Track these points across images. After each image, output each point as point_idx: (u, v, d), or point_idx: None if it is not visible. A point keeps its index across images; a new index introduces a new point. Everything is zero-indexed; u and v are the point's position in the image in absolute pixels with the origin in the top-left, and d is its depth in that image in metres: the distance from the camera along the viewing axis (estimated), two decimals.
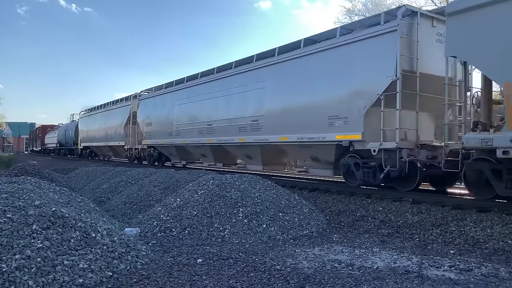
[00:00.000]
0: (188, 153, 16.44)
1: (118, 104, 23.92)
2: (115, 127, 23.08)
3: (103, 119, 25.74)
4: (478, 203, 7.05)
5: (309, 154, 10.45)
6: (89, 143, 28.93)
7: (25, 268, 3.61)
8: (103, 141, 25.48)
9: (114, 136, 23.37)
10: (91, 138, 28.20)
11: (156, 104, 18.35)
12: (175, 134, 16.41)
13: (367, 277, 4.15)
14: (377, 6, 26.99)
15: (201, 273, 4.20)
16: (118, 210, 8.25)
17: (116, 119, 23.18)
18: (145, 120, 19.04)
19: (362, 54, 8.80)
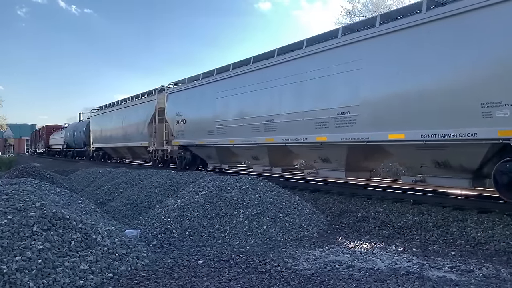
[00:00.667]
0: (233, 155, 13.78)
1: (140, 99, 20.82)
2: (136, 126, 20.11)
3: (120, 117, 22.51)
4: (479, 204, 7.04)
5: (433, 157, 7.58)
6: (103, 144, 25.53)
7: (26, 270, 3.61)
8: (120, 142, 22.29)
9: (134, 136, 20.36)
10: (105, 138, 24.88)
11: (190, 97, 15.47)
12: (217, 132, 13.50)
13: (368, 278, 4.15)
14: (378, 7, 27.00)
15: (201, 275, 4.19)
16: (119, 212, 8.25)
17: (138, 116, 20.09)
18: (176, 117, 16.17)
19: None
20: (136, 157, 23.07)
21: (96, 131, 26.88)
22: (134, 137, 20.43)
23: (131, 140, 20.84)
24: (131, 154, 22.90)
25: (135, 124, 20.31)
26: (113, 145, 23.62)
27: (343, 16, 28.54)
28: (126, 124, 21.51)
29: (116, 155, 25.67)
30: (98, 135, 26.38)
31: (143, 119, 19.36)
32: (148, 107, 19.09)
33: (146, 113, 19.14)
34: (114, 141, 23.24)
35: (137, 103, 20.86)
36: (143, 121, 19.37)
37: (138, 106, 20.57)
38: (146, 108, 19.35)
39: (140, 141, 19.69)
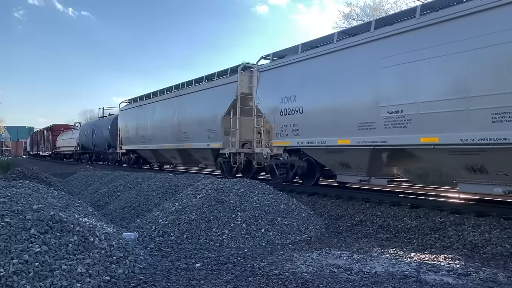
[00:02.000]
0: (413, 163, 9.00)
1: (207, 83, 15.18)
2: (200, 121, 14.63)
3: (170, 110, 16.96)
4: (477, 207, 7.06)
5: None
6: (138, 145, 19.82)
7: (23, 273, 3.60)
8: (169, 143, 16.91)
9: (196, 135, 14.92)
10: (142, 138, 19.32)
11: (312, 73, 10.01)
12: (388, 125, 8.00)
13: (365, 282, 4.15)
14: (376, 11, 27.11)
15: (199, 278, 4.19)
16: (117, 215, 8.24)
17: (205, 107, 14.48)
18: (280, 105, 10.71)
19: None
20: (190, 163, 17.22)
21: (128, 129, 20.99)
22: (195, 136, 14.99)
23: (189, 140, 15.44)
24: (184, 159, 17.13)
25: (198, 118, 14.82)
26: (156, 147, 18.06)
27: (341, 20, 28.70)
28: (181, 118, 16.01)
29: (157, 159, 19.72)
30: (132, 134, 20.48)
31: (214, 110, 13.84)
32: (223, 93, 13.51)
33: (220, 101, 13.56)
34: (158, 142, 17.76)
35: (201, 89, 15.19)
36: (213, 113, 13.90)
37: (204, 92, 14.91)
38: (219, 95, 13.78)
39: (207, 141, 14.26)
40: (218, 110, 13.70)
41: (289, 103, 10.50)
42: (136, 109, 20.50)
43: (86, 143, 30.10)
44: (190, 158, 16.48)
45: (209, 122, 14.17)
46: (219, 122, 13.56)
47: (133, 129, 20.41)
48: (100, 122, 28.39)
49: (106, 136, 25.63)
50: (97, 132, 27.62)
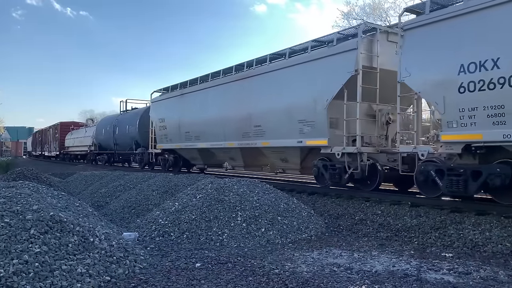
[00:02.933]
0: None
1: (296, 57, 10.84)
2: (287, 109, 10.58)
3: (231, 98, 12.80)
4: (477, 206, 7.06)
5: None
6: (180, 144, 15.81)
7: (23, 273, 3.59)
8: (229, 140, 12.84)
9: (277, 129, 10.93)
10: (187, 135, 15.30)
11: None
12: None
13: (365, 281, 4.15)
14: (375, 11, 27.10)
15: (199, 277, 4.19)
16: (117, 215, 8.24)
17: (294, 90, 10.48)
18: (456, 78, 6.93)
19: None
20: (256, 165, 13.67)
21: (165, 124, 16.91)
22: (275, 131, 10.90)
23: (265, 135, 11.34)
24: (250, 161, 13.16)
25: (283, 106, 10.69)
26: (209, 146, 14.14)
27: (340, 19, 28.69)
28: (251, 107, 11.84)
29: (205, 161, 15.90)
30: (171, 130, 16.50)
31: (313, 94, 9.87)
32: (328, 69, 9.56)
33: (322, 81, 9.66)
34: (211, 139, 13.88)
35: (285, 66, 10.80)
36: (310, 98, 9.88)
37: (290, 71, 10.62)
38: (320, 72, 9.77)
39: (297, 136, 10.22)
40: (320, 93, 9.60)
41: (482, 72, 6.53)
42: (176, 99, 16.20)
43: (105, 142, 25.71)
44: (258, 159, 12.77)
45: (303, 110, 10.00)
46: (323, 110, 9.49)
47: (173, 124, 16.31)
48: (124, 117, 23.26)
49: (133, 133, 21.05)
50: (120, 128, 23.01)
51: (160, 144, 17.68)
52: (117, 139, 23.77)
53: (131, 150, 21.54)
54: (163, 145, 17.50)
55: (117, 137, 23.66)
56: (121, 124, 23.14)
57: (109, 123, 25.40)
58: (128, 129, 22.02)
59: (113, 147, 24.52)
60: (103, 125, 26.91)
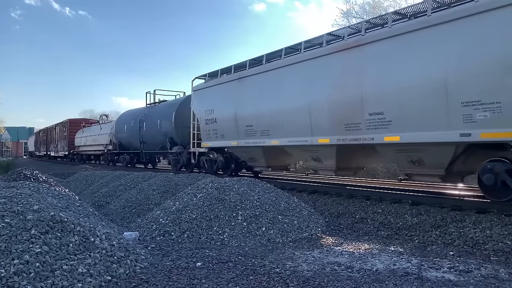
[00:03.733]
0: None
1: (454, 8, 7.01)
2: (443, 83, 6.95)
3: (320, 75, 9.57)
4: (477, 204, 7.06)
5: None
6: (240, 140, 12.33)
7: (24, 273, 3.60)
8: (321, 135, 9.58)
9: (417, 116, 7.48)
10: (249, 130, 11.88)
11: None
12: None
13: (366, 279, 4.15)
14: (375, 9, 27.08)
15: (200, 277, 4.19)
16: (117, 214, 8.24)
17: (457, 58, 6.80)
18: None
19: None
20: (355, 168, 10.44)
21: (214, 116, 13.37)
22: (412, 119, 7.60)
23: (390, 127, 8.00)
24: (347, 163, 9.91)
25: (435, 80, 7.16)
26: (285, 143, 10.70)
27: (340, 18, 28.66)
28: (367, 85, 8.44)
29: (270, 163, 12.29)
30: (223, 123, 12.93)
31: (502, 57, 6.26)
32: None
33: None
34: (287, 134, 10.50)
35: (434, 23, 7.20)
36: (495, 66, 6.36)
37: (446, 28, 7.01)
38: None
39: (460, 127, 6.84)
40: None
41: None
42: (231, 85, 12.64)
43: (127, 140, 21.94)
44: (364, 161, 10.16)
45: (474, 86, 6.63)
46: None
47: (226, 116, 12.67)
48: (155, 110, 19.60)
49: (167, 129, 17.54)
50: (150, 124, 19.29)
51: (206, 142, 13.92)
52: (144, 136, 19.75)
53: (164, 149, 17.99)
54: (210, 143, 13.67)
55: (145, 133, 19.68)
56: (151, 118, 19.26)
57: (133, 118, 21.25)
58: (161, 124, 18.13)
59: (138, 145, 20.55)
60: (125, 120, 22.52)
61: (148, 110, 20.40)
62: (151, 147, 19.51)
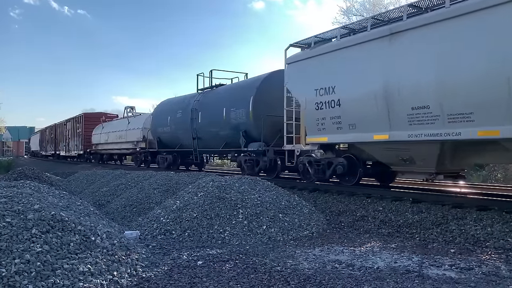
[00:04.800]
0: None
1: None
2: None
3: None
4: (479, 201, 7.05)
5: None
6: (397, 132, 7.60)
7: (25, 273, 3.60)
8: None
9: None
10: (413, 116, 7.27)
11: None
12: None
13: (367, 277, 4.15)
14: (375, 6, 27.03)
15: (201, 275, 4.19)
16: (118, 213, 8.25)
17: None
18: None
19: None
20: None
21: (338, 97, 8.81)
22: None
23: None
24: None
25: None
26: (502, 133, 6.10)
27: (340, 15, 28.62)
28: None
29: (443, 167, 7.65)
30: (360, 108, 8.38)
31: None
32: None
33: None
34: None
35: None
36: None
37: None
38: None
39: None
40: None
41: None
42: (372, 47, 8.22)
43: (172, 135, 16.86)
44: None
45: None
46: None
47: (362, 95, 8.37)
48: (215, 95, 14.82)
49: (240, 120, 12.88)
50: (208, 113, 14.47)
51: (316, 136, 9.52)
52: (200, 130, 14.84)
53: (231, 146, 13.38)
54: (327, 137, 9.25)
55: (201, 127, 14.77)
56: (210, 106, 14.43)
57: (180, 108, 16.33)
58: (228, 113, 13.22)
59: (189, 142, 15.54)
60: (167, 111, 17.48)
61: (204, 96, 15.28)
62: (210, 144, 14.70)
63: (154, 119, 18.65)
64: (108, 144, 25.40)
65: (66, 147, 34.26)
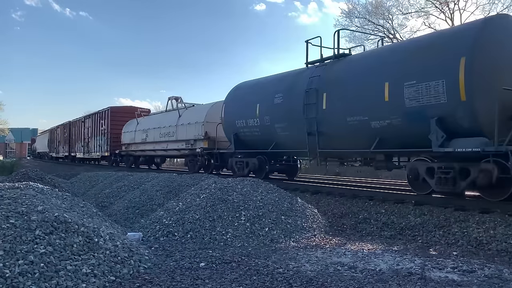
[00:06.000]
0: None
1: None
2: None
3: None
4: (481, 204, 7.04)
5: None
6: None
7: (28, 274, 3.61)
8: None
9: None
10: None
11: None
12: None
13: (370, 280, 4.15)
14: (377, 9, 27.04)
15: (203, 277, 4.20)
16: (121, 215, 8.26)
17: None
18: None
19: None
20: None
21: None
22: None
23: None
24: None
25: None
26: None
27: (343, 18, 28.62)
28: None
29: None
30: None
31: None
32: None
33: None
34: None
35: None
36: None
37: None
38: None
39: None
40: None
41: None
42: None
43: (264, 131, 11.66)
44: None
45: None
46: None
47: None
48: (358, 64, 9.46)
49: (430, 100, 7.35)
50: (346, 93, 9.13)
51: None
52: (326, 120, 9.67)
53: (407, 145, 8.06)
54: None
55: (328, 115, 9.60)
56: (349, 82, 9.23)
57: (280, 90, 11.19)
58: (399, 90, 7.90)
59: (300, 140, 10.34)
60: (250, 96, 12.41)
61: (328, 69, 9.95)
62: (344, 142, 9.47)
63: (229, 109, 13.38)
64: (146, 144, 20.53)
65: (85, 148, 28.86)
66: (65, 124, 36.12)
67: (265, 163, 12.24)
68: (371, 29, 27.24)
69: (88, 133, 28.50)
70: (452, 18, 25.12)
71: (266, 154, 12.03)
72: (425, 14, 26.29)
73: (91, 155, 27.87)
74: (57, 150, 39.26)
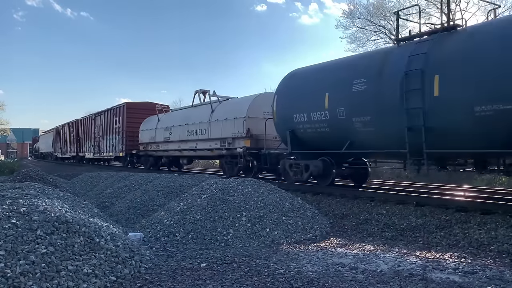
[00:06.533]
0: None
1: None
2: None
3: None
4: (483, 205, 7.03)
5: None
6: None
7: (30, 274, 3.62)
8: None
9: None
10: None
11: None
12: None
13: (371, 281, 4.14)
14: (379, 10, 27.03)
15: (204, 278, 4.20)
16: (122, 215, 8.27)
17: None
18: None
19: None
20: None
21: None
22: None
23: None
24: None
25: None
26: None
27: (344, 18, 28.62)
28: None
29: None
30: None
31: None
32: None
33: None
34: None
35: None
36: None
37: None
38: None
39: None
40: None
41: None
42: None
43: (335, 126, 9.33)
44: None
45: None
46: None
47: None
48: None
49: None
50: (474, 75, 6.71)
51: None
52: (438, 111, 7.27)
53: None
54: None
55: (443, 104, 7.19)
56: (481, 61, 6.75)
57: (361, 74, 8.82)
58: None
59: (393, 138, 8.12)
60: (313, 84, 10.21)
61: (440, 42, 7.65)
62: (465, 140, 7.16)
63: (282, 101, 11.08)
64: (169, 144, 18.20)
65: (96, 148, 26.53)
66: (72, 122, 33.91)
67: (332, 167, 9.93)
68: (373, 30, 27.26)
69: (99, 132, 26.15)
70: None
71: (333, 155, 9.75)
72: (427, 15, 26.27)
73: (102, 155, 25.58)
74: (63, 150, 37.18)
